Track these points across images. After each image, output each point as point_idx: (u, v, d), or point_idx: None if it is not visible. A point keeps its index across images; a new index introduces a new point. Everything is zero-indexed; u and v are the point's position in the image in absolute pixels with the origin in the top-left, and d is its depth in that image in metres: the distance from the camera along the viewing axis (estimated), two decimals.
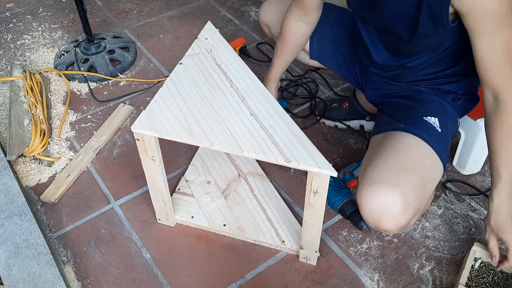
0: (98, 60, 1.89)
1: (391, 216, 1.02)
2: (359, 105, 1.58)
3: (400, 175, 1.03)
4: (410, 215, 1.03)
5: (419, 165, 1.06)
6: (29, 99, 1.69)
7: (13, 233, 1.30)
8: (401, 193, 1.01)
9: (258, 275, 1.26)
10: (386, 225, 1.04)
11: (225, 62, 1.25)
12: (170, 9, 2.26)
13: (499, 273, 1.22)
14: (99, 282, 1.25)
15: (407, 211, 1.02)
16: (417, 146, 1.09)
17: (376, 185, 1.03)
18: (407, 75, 1.23)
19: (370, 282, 1.24)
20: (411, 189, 1.02)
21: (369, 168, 1.08)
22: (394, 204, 1.01)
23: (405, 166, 1.04)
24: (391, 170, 1.04)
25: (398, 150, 1.08)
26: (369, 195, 1.03)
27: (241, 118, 1.11)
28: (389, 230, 1.06)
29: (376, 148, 1.14)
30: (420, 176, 1.05)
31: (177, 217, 1.36)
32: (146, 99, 1.78)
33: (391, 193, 1.01)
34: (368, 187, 1.04)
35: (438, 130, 1.15)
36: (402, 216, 1.02)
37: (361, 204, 1.06)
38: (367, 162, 1.12)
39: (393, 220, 1.03)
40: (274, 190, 1.43)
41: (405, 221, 1.03)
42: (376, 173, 1.05)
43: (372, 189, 1.03)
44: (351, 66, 1.43)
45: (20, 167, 1.53)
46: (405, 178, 1.03)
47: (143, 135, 1.09)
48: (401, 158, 1.06)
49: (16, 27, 2.16)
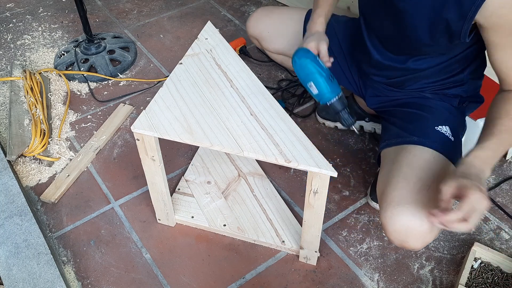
0: (98, 60, 1.89)
1: (418, 236, 1.00)
2: (358, 107, 1.58)
3: (424, 193, 1.01)
4: (436, 232, 1.02)
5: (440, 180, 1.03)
6: (29, 99, 1.69)
7: (13, 233, 1.30)
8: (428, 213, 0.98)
9: (258, 275, 1.26)
10: (413, 245, 1.02)
11: (225, 62, 1.25)
12: (170, 9, 2.26)
13: (499, 273, 1.22)
14: (99, 282, 1.25)
15: (434, 229, 1.00)
16: (434, 160, 1.07)
17: (401, 206, 1.00)
18: (412, 82, 1.22)
19: (370, 282, 1.24)
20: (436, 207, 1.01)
21: (390, 188, 1.05)
22: (421, 225, 0.99)
23: (427, 184, 1.02)
24: (413, 189, 1.02)
25: (417, 167, 1.06)
26: (394, 217, 1.01)
27: (241, 118, 1.11)
28: (416, 248, 1.04)
29: (392, 164, 1.11)
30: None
31: (177, 217, 1.36)
32: (146, 99, 1.78)
33: (417, 214, 0.99)
34: (393, 209, 1.01)
35: (451, 139, 1.13)
36: (429, 235, 1.00)
37: (386, 226, 1.03)
38: (385, 180, 1.10)
39: (420, 240, 1.01)
40: (274, 190, 1.43)
41: (431, 239, 1.02)
42: (398, 193, 1.02)
43: (396, 211, 1.00)
44: (349, 74, 1.41)
45: (20, 167, 1.53)
46: (429, 196, 1.00)
47: (143, 135, 1.09)
48: (421, 175, 1.04)
49: (16, 27, 2.16)
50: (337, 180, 1.48)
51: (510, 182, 1.47)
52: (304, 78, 1.16)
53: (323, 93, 1.15)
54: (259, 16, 1.53)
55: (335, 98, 1.15)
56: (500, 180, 1.48)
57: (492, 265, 1.24)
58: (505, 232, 1.35)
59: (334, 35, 1.39)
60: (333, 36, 1.39)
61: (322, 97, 1.16)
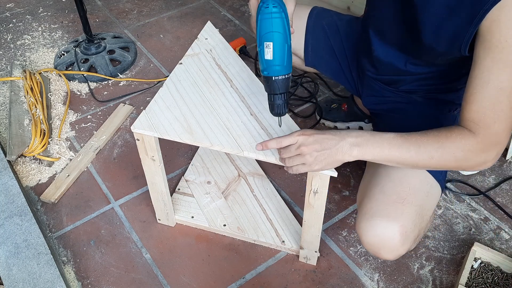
0: (98, 60, 1.89)
1: (390, 249, 1.02)
2: (357, 108, 1.58)
3: (398, 206, 1.02)
4: (409, 245, 1.03)
5: (416, 193, 1.05)
6: (29, 99, 1.69)
7: (13, 233, 1.30)
8: (400, 226, 1.00)
9: (258, 275, 1.26)
10: (386, 256, 1.04)
11: (225, 62, 1.25)
12: (170, 9, 2.26)
13: (499, 273, 1.22)
14: (99, 282, 1.25)
15: (406, 242, 1.02)
16: (412, 172, 1.07)
17: (374, 219, 1.02)
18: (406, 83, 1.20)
19: (370, 282, 1.24)
20: (409, 221, 1.01)
21: (366, 199, 1.07)
22: (393, 238, 1.00)
23: (402, 196, 1.03)
24: (388, 202, 1.03)
25: (394, 179, 1.06)
26: (367, 228, 1.03)
27: (241, 118, 1.11)
28: (389, 259, 1.06)
29: (372, 175, 1.12)
30: (417, 205, 1.03)
31: (177, 217, 1.36)
32: (146, 99, 1.78)
33: (389, 227, 1.00)
34: (366, 221, 1.03)
35: None
36: (401, 247, 1.02)
37: (360, 236, 1.05)
38: (364, 190, 1.11)
39: (392, 252, 1.03)
40: (274, 190, 1.43)
41: (404, 251, 1.03)
42: (374, 205, 1.04)
43: (370, 223, 1.02)
44: (348, 72, 1.40)
45: (20, 167, 1.53)
46: (403, 209, 1.01)
47: (143, 135, 1.09)
48: (397, 188, 1.05)
49: (16, 27, 2.16)
50: (337, 180, 1.48)
51: (510, 182, 1.47)
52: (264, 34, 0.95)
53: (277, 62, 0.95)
54: None
55: (284, 75, 0.96)
56: (500, 180, 1.48)
57: (492, 265, 1.24)
58: (505, 232, 1.35)
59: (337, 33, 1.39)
60: (336, 34, 1.39)
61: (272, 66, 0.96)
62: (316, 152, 0.95)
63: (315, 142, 0.94)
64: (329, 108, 1.65)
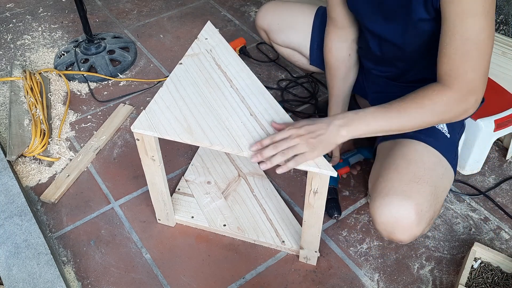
0: (98, 60, 1.89)
1: (405, 228, 1.00)
2: (358, 108, 1.57)
3: (413, 185, 1.01)
4: (425, 225, 1.02)
5: (432, 173, 1.04)
6: (29, 99, 1.69)
7: (13, 233, 1.30)
8: (415, 204, 0.99)
9: (258, 275, 1.26)
10: (400, 236, 1.02)
11: (225, 62, 1.25)
12: (170, 9, 2.26)
13: (499, 273, 1.22)
14: (99, 282, 1.25)
15: (421, 222, 1.00)
16: (428, 154, 1.07)
17: (389, 197, 1.01)
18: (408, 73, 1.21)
19: (370, 282, 1.24)
20: (425, 200, 1.00)
21: (381, 179, 1.06)
22: (408, 216, 0.99)
23: (418, 176, 1.03)
24: (403, 180, 1.02)
25: (409, 159, 1.06)
26: (382, 207, 1.01)
27: (241, 118, 1.11)
28: (403, 241, 1.04)
29: (386, 157, 1.12)
30: (432, 185, 1.03)
31: (177, 217, 1.36)
32: (146, 99, 1.78)
33: (405, 204, 0.99)
34: (381, 199, 1.02)
35: (447, 135, 1.13)
36: (416, 227, 1.00)
37: (374, 216, 1.04)
38: (377, 172, 1.10)
39: (407, 232, 1.01)
40: (274, 190, 1.43)
41: (419, 232, 1.02)
42: (389, 184, 1.03)
43: (385, 201, 1.01)
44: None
45: (20, 167, 1.53)
46: (418, 188, 1.01)
47: (143, 135, 1.09)
48: (413, 167, 1.04)
49: (16, 27, 2.16)
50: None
51: (510, 182, 1.47)
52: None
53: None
54: (269, 8, 1.51)
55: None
56: (500, 180, 1.48)
57: (492, 265, 1.24)
58: (505, 232, 1.35)
59: None
60: None
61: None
62: (311, 139, 0.98)
63: (308, 131, 0.98)
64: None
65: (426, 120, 0.99)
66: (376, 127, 1.00)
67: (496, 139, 1.50)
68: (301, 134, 0.98)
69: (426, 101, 0.98)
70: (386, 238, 1.07)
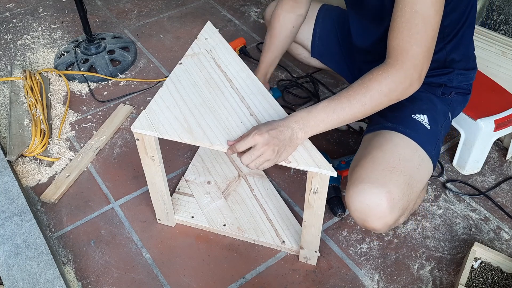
0: (98, 60, 1.89)
1: (377, 216, 1.03)
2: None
3: (386, 174, 1.03)
4: (397, 214, 1.03)
5: (406, 163, 1.06)
6: (29, 99, 1.69)
7: (13, 233, 1.30)
8: (387, 192, 1.01)
9: (258, 275, 1.26)
10: (373, 224, 1.04)
11: (224, 62, 1.25)
12: (170, 9, 2.26)
13: (499, 273, 1.22)
14: (99, 282, 1.25)
15: (394, 210, 1.02)
16: (404, 144, 1.09)
17: (362, 184, 1.03)
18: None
19: (370, 282, 1.24)
20: (397, 188, 1.02)
21: (357, 168, 1.08)
22: (380, 204, 1.01)
23: (392, 165, 1.04)
24: (377, 169, 1.04)
25: (385, 149, 1.08)
26: (355, 194, 1.04)
27: (241, 118, 1.11)
28: (376, 229, 1.06)
29: (365, 147, 1.14)
30: (407, 175, 1.04)
31: (177, 217, 1.36)
32: (146, 99, 1.78)
33: (377, 192, 1.01)
34: (355, 187, 1.04)
35: (427, 127, 1.14)
36: (389, 215, 1.02)
37: (348, 204, 1.06)
38: (355, 162, 1.12)
39: (379, 220, 1.03)
40: (274, 190, 1.43)
41: (392, 220, 1.04)
42: (363, 173, 1.05)
43: (358, 189, 1.03)
44: (351, 66, 1.42)
45: (20, 167, 1.53)
46: (391, 177, 1.03)
47: (143, 135, 1.09)
48: (388, 157, 1.06)
49: (16, 27, 2.16)
50: None
51: (510, 182, 1.47)
52: None
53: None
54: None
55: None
56: (500, 180, 1.48)
57: (492, 265, 1.24)
58: (505, 232, 1.35)
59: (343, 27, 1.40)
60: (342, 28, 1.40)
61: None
62: (276, 146, 0.99)
63: (273, 138, 0.99)
64: None
65: (376, 103, 1.00)
66: (332, 122, 1.02)
67: (496, 139, 1.50)
68: (268, 141, 0.99)
69: (373, 84, 0.99)
70: (361, 226, 1.10)
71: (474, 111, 1.38)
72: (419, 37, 0.95)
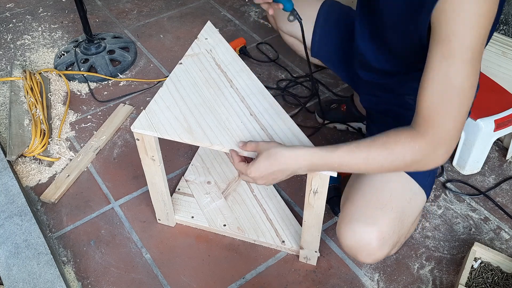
0: (98, 60, 1.89)
1: (367, 253, 1.03)
2: (355, 110, 1.57)
3: (377, 212, 1.02)
4: (387, 250, 1.04)
5: (397, 199, 1.05)
6: (29, 99, 1.69)
7: (13, 233, 1.30)
8: (378, 231, 1.01)
9: (258, 275, 1.26)
10: (363, 259, 1.05)
11: (225, 62, 1.25)
12: (170, 9, 2.26)
13: (499, 273, 1.22)
14: (99, 282, 1.25)
15: (384, 247, 1.02)
16: (395, 178, 1.07)
17: (352, 223, 1.03)
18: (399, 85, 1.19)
19: (370, 282, 1.24)
20: (388, 226, 1.02)
21: (348, 203, 1.08)
22: (370, 243, 1.01)
23: (382, 202, 1.04)
24: (368, 207, 1.04)
25: (375, 185, 1.07)
26: (346, 233, 1.04)
27: (241, 118, 1.11)
28: (367, 263, 1.07)
29: (356, 179, 1.13)
30: (397, 211, 1.04)
31: (177, 217, 1.36)
32: (146, 99, 1.78)
33: (367, 231, 1.01)
34: (345, 225, 1.04)
35: None
36: (379, 252, 1.02)
37: (340, 239, 1.06)
38: (347, 194, 1.12)
39: (369, 256, 1.03)
40: (274, 190, 1.43)
41: (382, 256, 1.04)
42: (354, 210, 1.05)
43: (349, 227, 1.03)
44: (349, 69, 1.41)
45: (20, 167, 1.53)
46: (382, 215, 1.02)
47: (143, 135, 1.09)
48: (378, 193, 1.05)
49: (16, 27, 2.16)
50: None
51: (510, 182, 1.47)
52: None
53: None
54: None
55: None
56: (500, 180, 1.48)
57: (492, 265, 1.24)
58: (505, 232, 1.35)
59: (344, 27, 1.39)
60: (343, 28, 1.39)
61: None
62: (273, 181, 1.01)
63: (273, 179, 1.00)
64: (328, 109, 1.65)
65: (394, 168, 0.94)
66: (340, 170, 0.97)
67: (496, 139, 1.50)
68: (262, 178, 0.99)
69: (398, 149, 0.91)
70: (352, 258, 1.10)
71: (474, 111, 1.38)
72: (453, 112, 0.87)
